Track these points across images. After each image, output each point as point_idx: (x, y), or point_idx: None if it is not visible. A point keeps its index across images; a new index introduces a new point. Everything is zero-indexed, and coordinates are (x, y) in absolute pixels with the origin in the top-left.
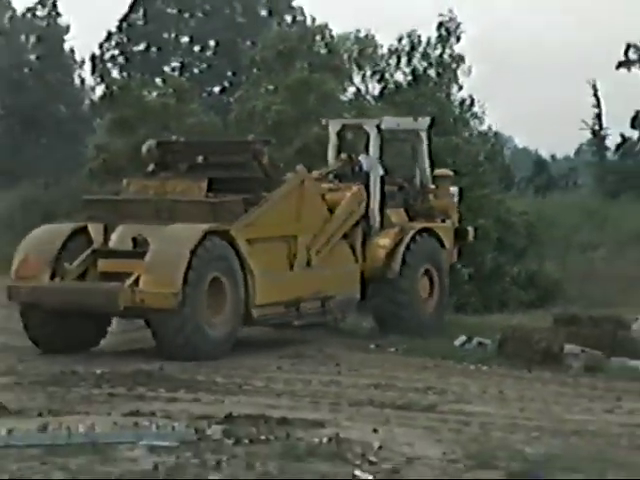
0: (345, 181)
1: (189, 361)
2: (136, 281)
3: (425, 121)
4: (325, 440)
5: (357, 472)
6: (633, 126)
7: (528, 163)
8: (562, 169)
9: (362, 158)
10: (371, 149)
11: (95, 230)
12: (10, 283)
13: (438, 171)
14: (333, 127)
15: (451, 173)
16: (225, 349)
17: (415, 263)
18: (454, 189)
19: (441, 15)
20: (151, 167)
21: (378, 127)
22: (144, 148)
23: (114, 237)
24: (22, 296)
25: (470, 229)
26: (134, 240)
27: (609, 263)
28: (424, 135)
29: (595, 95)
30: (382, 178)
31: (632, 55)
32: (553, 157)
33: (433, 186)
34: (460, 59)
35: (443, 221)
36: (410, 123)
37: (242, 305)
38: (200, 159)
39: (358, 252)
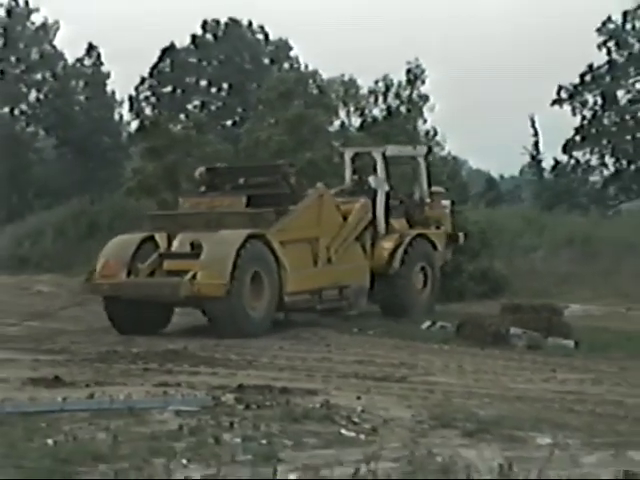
0: (357, 196)
1: (237, 338)
2: (194, 276)
3: (422, 149)
4: (317, 405)
5: (343, 431)
6: (564, 151)
7: (481, 181)
8: (508, 186)
9: (371, 179)
10: (378, 171)
11: (160, 238)
12: (95, 281)
13: (433, 188)
14: (347, 154)
15: (443, 190)
16: (264, 328)
17: (411, 261)
18: (446, 202)
19: (409, 63)
20: (202, 188)
21: (383, 154)
22: (197, 173)
23: (175, 243)
24: (105, 291)
25: (461, 234)
26: (191, 244)
27: (546, 262)
28: (421, 160)
29: (533, 127)
30: (387, 194)
31: (563, 95)
32: (501, 176)
33: (429, 200)
34: (425, 98)
35: (438, 228)
36: (410, 151)
37: (277, 293)
38: (241, 180)
39: (367, 251)
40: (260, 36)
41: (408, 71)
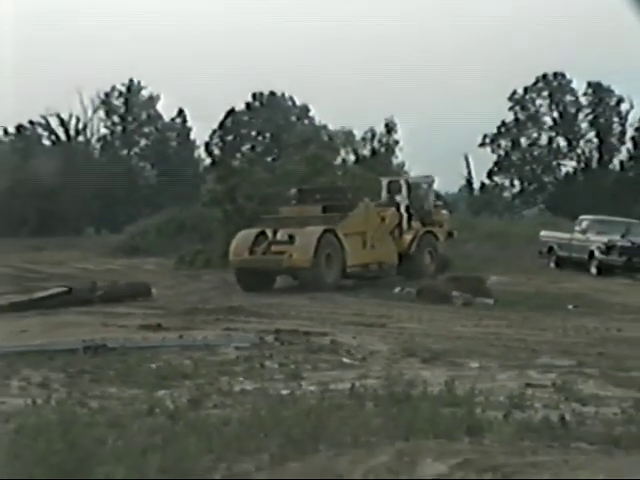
0: (389, 207)
1: (319, 292)
2: (290, 255)
3: (430, 177)
4: (327, 343)
5: (344, 359)
6: (488, 177)
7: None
8: (450, 199)
9: (397, 197)
10: (403, 192)
11: (269, 231)
12: (230, 259)
13: (436, 202)
14: (384, 181)
15: (441, 203)
16: (333, 288)
17: (423, 247)
18: (445, 212)
19: (386, 119)
20: (294, 201)
21: (406, 181)
22: (291, 192)
23: (278, 235)
24: (236, 264)
25: (455, 232)
26: (289, 236)
27: (475, 249)
28: (428, 185)
29: (467, 161)
30: (407, 206)
31: (487, 140)
32: (446, 193)
33: (434, 209)
34: (396, 142)
35: (440, 227)
36: (423, 179)
37: (341, 266)
38: (317, 196)
39: (396, 241)
40: (289, 102)
41: (386, 125)
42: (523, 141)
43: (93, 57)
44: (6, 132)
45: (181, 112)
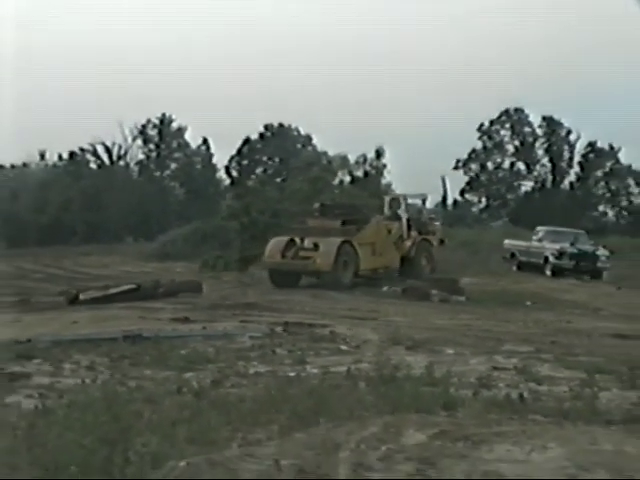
0: (393, 221)
1: (336, 291)
2: (315, 260)
3: (424, 195)
4: (327, 333)
5: (341, 346)
6: (460, 195)
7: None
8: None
9: (399, 211)
10: (402, 207)
11: (297, 239)
12: (264, 260)
13: (430, 215)
14: (386, 199)
15: (434, 216)
16: (348, 287)
17: (420, 252)
18: (438, 223)
19: (377, 146)
20: (317, 214)
21: (405, 198)
22: (315, 206)
23: (305, 242)
24: (269, 265)
25: (446, 239)
26: (314, 244)
27: (451, 255)
28: (422, 201)
29: (443, 182)
30: (407, 219)
31: (460, 164)
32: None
33: (429, 221)
34: (384, 166)
35: (434, 235)
36: (418, 196)
37: (355, 269)
38: (337, 212)
39: (398, 248)
40: (295, 133)
41: (376, 151)
42: (489, 165)
43: (131, 92)
44: (60, 157)
45: (205, 141)
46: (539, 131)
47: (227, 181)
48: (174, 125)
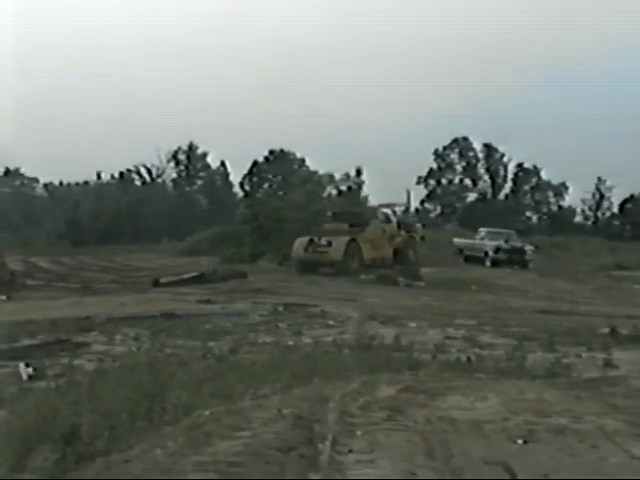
0: (385, 223)
1: (345, 276)
2: (329, 254)
3: (408, 204)
4: (318, 311)
5: (329, 322)
6: (421, 204)
7: None
8: None
9: (390, 216)
10: (391, 213)
11: (316, 239)
12: (292, 255)
13: (412, 218)
14: (379, 207)
15: (416, 219)
16: (355, 273)
17: (407, 247)
18: (419, 224)
19: (357, 166)
20: (330, 219)
21: (393, 206)
22: (329, 213)
23: (322, 241)
24: (296, 258)
25: (427, 237)
26: (328, 242)
27: (431, 253)
28: (406, 208)
29: (408, 194)
30: (397, 221)
31: (421, 180)
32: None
33: (413, 223)
34: (363, 182)
35: (416, 233)
36: (403, 205)
37: (360, 260)
38: (345, 217)
39: (392, 243)
40: (292, 156)
41: (357, 170)
42: (443, 181)
43: (164, 121)
44: (112, 177)
45: (223, 163)
46: (480, 155)
47: (241, 194)
48: (199, 151)
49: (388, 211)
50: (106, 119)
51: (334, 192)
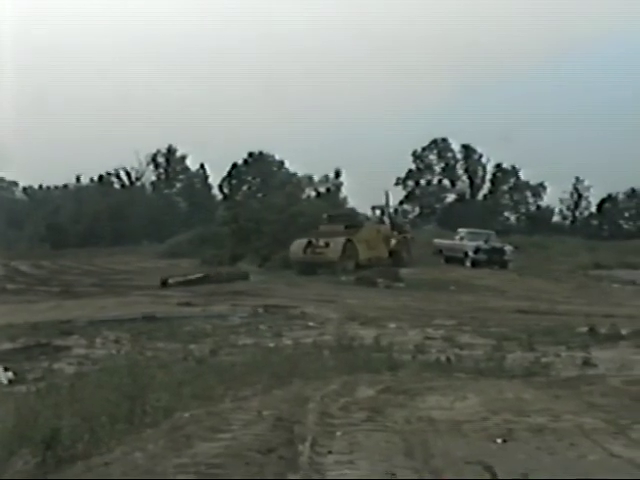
0: (380, 224)
1: (344, 275)
2: (327, 254)
3: (397, 207)
4: (299, 312)
5: (309, 323)
6: (400, 204)
7: None
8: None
9: (383, 217)
10: (386, 214)
11: (314, 240)
12: (290, 256)
13: (402, 220)
14: (374, 210)
15: (406, 220)
16: (351, 271)
17: (401, 246)
18: (408, 226)
19: (336, 168)
20: (325, 222)
21: (385, 208)
22: (324, 216)
23: (320, 242)
24: (295, 259)
25: (413, 237)
26: (325, 243)
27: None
28: (395, 211)
29: (386, 195)
30: (390, 222)
31: (399, 181)
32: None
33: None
34: (341, 183)
35: (407, 233)
36: (394, 206)
37: (356, 260)
38: (340, 219)
39: (387, 244)
40: (271, 158)
41: (336, 172)
42: (422, 182)
43: (143, 124)
44: (92, 180)
45: (202, 166)
46: (459, 156)
47: (220, 196)
48: (178, 153)
49: (389, 212)
50: (85, 122)
51: (313, 194)
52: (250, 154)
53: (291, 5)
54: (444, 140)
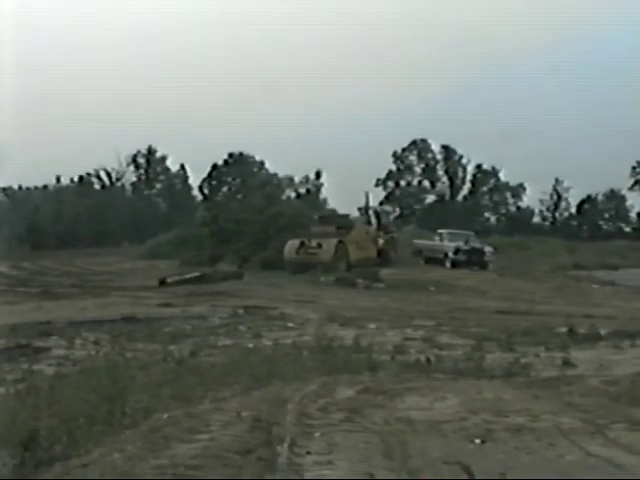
0: (369, 226)
1: (337, 275)
2: (319, 255)
3: (383, 208)
4: (278, 313)
5: (289, 324)
6: (380, 204)
7: None
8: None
9: (371, 219)
10: (372, 216)
11: (307, 241)
12: (284, 256)
13: (389, 221)
14: (371, 212)
15: (392, 221)
16: (343, 271)
17: (387, 246)
18: (394, 227)
19: (317, 169)
20: (316, 223)
21: (375, 210)
22: (315, 217)
23: (312, 243)
24: (288, 259)
25: (398, 237)
26: (318, 244)
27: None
28: (384, 212)
29: (366, 196)
30: (378, 224)
31: (379, 182)
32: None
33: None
34: (322, 184)
35: (394, 233)
36: (380, 208)
37: (347, 260)
38: (332, 220)
39: (375, 244)
40: (252, 159)
41: (316, 173)
42: (402, 183)
43: (123, 125)
44: (72, 180)
45: (183, 166)
46: (439, 156)
47: (200, 197)
48: (158, 154)
49: (376, 213)
50: (64, 122)
51: (293, 195)
52: (230, 155)
53: (266, 5)
54: (424, 141)
